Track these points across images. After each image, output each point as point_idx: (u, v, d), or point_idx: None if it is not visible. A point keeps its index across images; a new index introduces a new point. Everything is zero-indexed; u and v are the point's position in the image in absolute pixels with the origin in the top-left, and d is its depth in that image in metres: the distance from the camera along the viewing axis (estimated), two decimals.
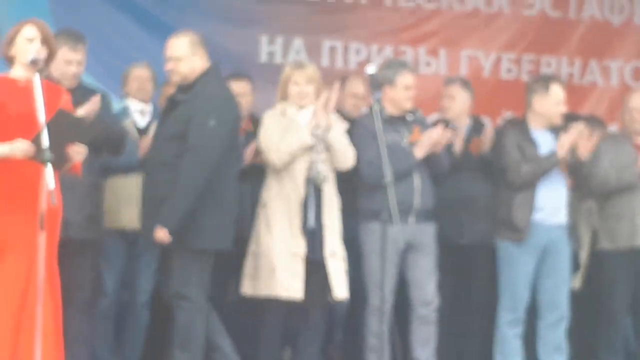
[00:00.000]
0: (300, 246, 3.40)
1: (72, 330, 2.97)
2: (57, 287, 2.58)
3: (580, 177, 3.92)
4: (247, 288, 3.49)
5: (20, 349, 2.43)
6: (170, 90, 3.60)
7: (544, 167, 3.75)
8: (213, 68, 3.35)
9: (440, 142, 3.72)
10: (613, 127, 4.83)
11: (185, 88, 3.29)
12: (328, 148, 3.48)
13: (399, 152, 3.61)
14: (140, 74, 3.95)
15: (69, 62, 3.26)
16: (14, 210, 2.54)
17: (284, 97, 3.60)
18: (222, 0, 5.04)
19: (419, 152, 3.65)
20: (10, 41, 2.67)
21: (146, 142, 3.58)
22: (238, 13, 5.02)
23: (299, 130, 3.46)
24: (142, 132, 3.80)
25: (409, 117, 3.78)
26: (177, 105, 3.29)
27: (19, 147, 2.48)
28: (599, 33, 5.50)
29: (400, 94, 3.73)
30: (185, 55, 3.26)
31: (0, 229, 2.53)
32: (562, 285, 3.81)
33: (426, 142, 3.66)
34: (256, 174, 3.68)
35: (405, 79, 3.73)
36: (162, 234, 3.08)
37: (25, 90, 2.56)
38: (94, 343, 3.56)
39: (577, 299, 3.97)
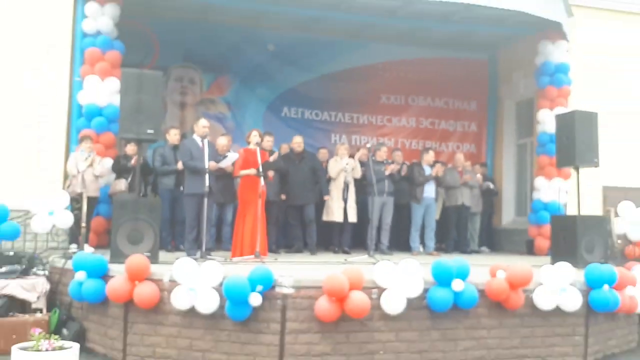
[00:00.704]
0: None
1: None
2: (263, 212, 8.18)
3: None
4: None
5: (254, 233, 8.07)
6: None
7: None
8: None
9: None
10: None
11: None
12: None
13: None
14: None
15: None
16: (252, 189, 8.17)
17: None
18: None
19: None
20: (249, 136, 8.34)
21: None
22: None
23: None
24: None
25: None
26: None
27: (253, 171, 8.11)
28: None
29: None
30: None
31: (248, 196, 8.18)
32: None
33: None
34: None
35: None
36: None
37: (254, 152, 8.20)
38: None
39: None
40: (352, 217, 9.72)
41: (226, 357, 5.71)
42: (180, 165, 8.01)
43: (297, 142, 9.95)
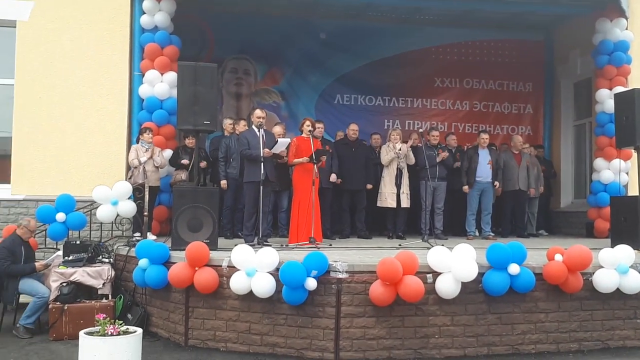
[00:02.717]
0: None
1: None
2: (317, 199, 8.31)
3: None
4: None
5: (308, 219, 8.20)
6: None
7: None
8: None
9: None
10: None
11: None
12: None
13: None
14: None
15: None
16: (306, 176, 8.29)
17: None
18: None
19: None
20: (302, 125, 8.46)
21: None
22: None
23: None
24: None
25: None
26: None
27: (306, 159, 8.22)
28: None
29: None
30: None
31: (302, 183, 8.29)
32: None
33: None
34: None
35: None
36: None
37: (308, 140, 8.31)
38: None
39: None
40: (405, 203, 9.73)
41: (284, 340, 5.87)
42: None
43: (353, 130, 10.07)
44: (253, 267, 5.83)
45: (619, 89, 9.83)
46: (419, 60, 12.79)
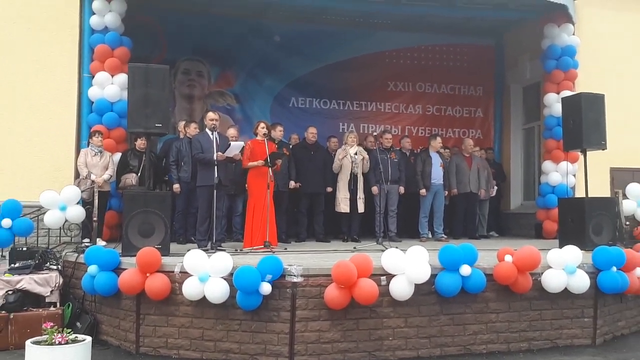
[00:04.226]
0: None
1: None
2: (272, 202, 8.25)
3: None
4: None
5: (263, 223, 8.15)
6: None
7: None
8: None
9: None
10: None
11: None
12: None
13: None
14: None
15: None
16: (260, 180, 8.23)
17: None
18: None
19: None
20: (256, 128, 8.41)
21: None
22: None
23: None
24: None
25: None
26: None
27: (260, 162, 8.17)
28: None
29: None
30: None
31: (257, 186, 8.24)
32: None
33: None
34: None
35: None
36: None
37: (262, 143, 8.27)
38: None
39: None
40: (361, 208, 9.79)
41: (237, 346, 5.81)
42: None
43: (312, 133, 10.09)
44: (206, 273, 5.75)
45: (566, 93, 10.12)
46: (372, 64, 12.88)
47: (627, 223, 9.01)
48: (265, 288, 5.64)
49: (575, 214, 8.26)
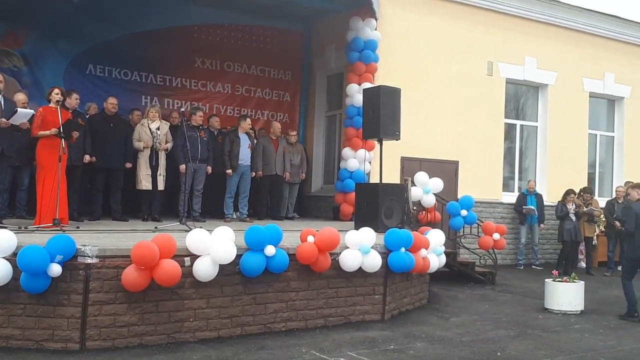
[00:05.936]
0: None
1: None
2: (64, 177, 7.57)
3: None
4: None
5: (53, 199, 7.44)
6: None
7: None
8: None
9: None
10: None
11: None
12: None
13: None
14: None
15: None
16: (52, 152, 7.49)
17: None
18: None
19: None
20: (50, 94, 7.63)
21: None
22: None
23: None
24: None
25: None
26: None
27: (54, 131, 7.44)
28: None
29: None
30: None
31: (47, 159, 7.48)
32: None
33: None
34: None
35: None
36: None
37: (56, 111, 7.52)
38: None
39: None
40: (160, 186, 9.43)
41: (21, 332, 5.25)
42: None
43: (112, 104, 9.46)
44: None
45: (367, 84, 10.70)
46: (179, 38, 12.40)
47: (415, 208, 9.83)
48: (55, 269, 5.15)
49: (370, 198, 8.79)
